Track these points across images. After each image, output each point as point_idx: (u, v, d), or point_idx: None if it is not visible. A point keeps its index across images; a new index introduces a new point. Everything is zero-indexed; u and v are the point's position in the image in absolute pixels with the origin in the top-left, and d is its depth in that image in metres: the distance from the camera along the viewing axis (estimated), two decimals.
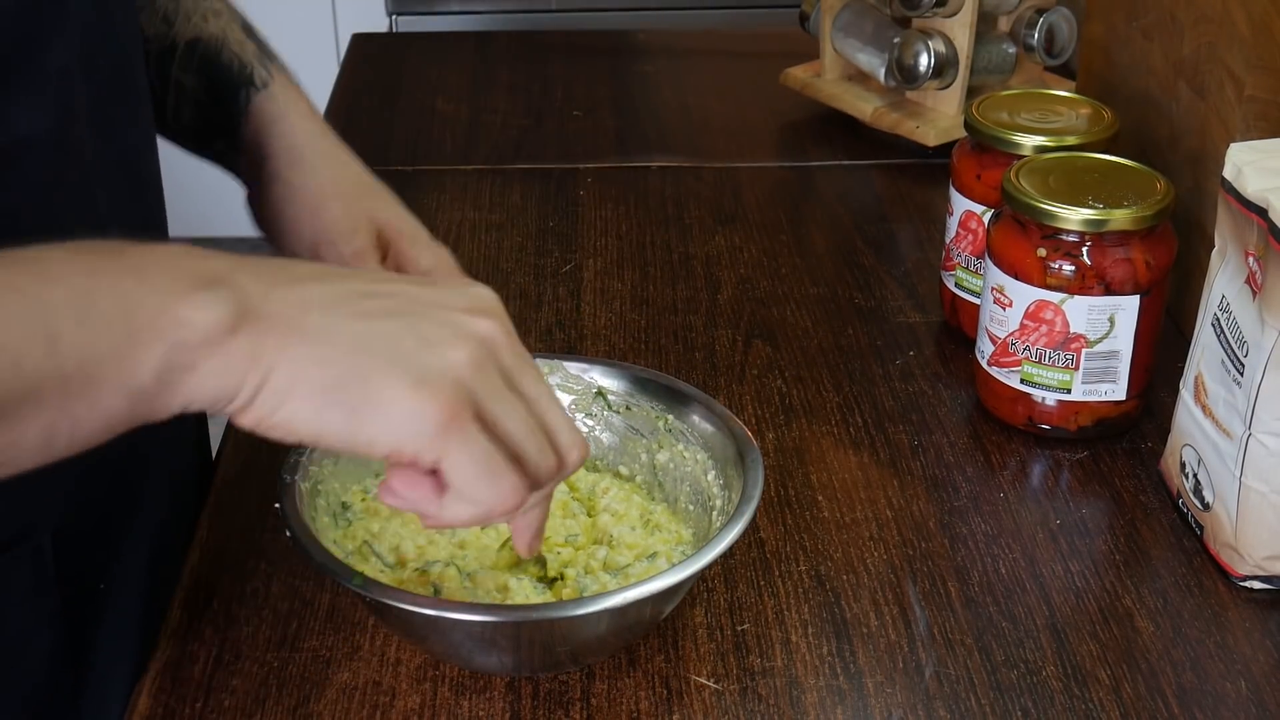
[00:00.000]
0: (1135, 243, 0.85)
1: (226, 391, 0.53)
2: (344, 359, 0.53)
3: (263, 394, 0.53)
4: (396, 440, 0.54)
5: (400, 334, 0.55)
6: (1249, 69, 0.91)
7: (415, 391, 0.53)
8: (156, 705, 0.72)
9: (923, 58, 1.27)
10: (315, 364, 0.53)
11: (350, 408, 0.53)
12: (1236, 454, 0.77)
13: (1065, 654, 0.75)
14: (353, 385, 0.53)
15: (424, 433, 0.54)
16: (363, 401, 0.53)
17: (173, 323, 0.51)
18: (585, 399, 0.81)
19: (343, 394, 0.53)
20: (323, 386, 0.53)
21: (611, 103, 1.45)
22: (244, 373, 0.52)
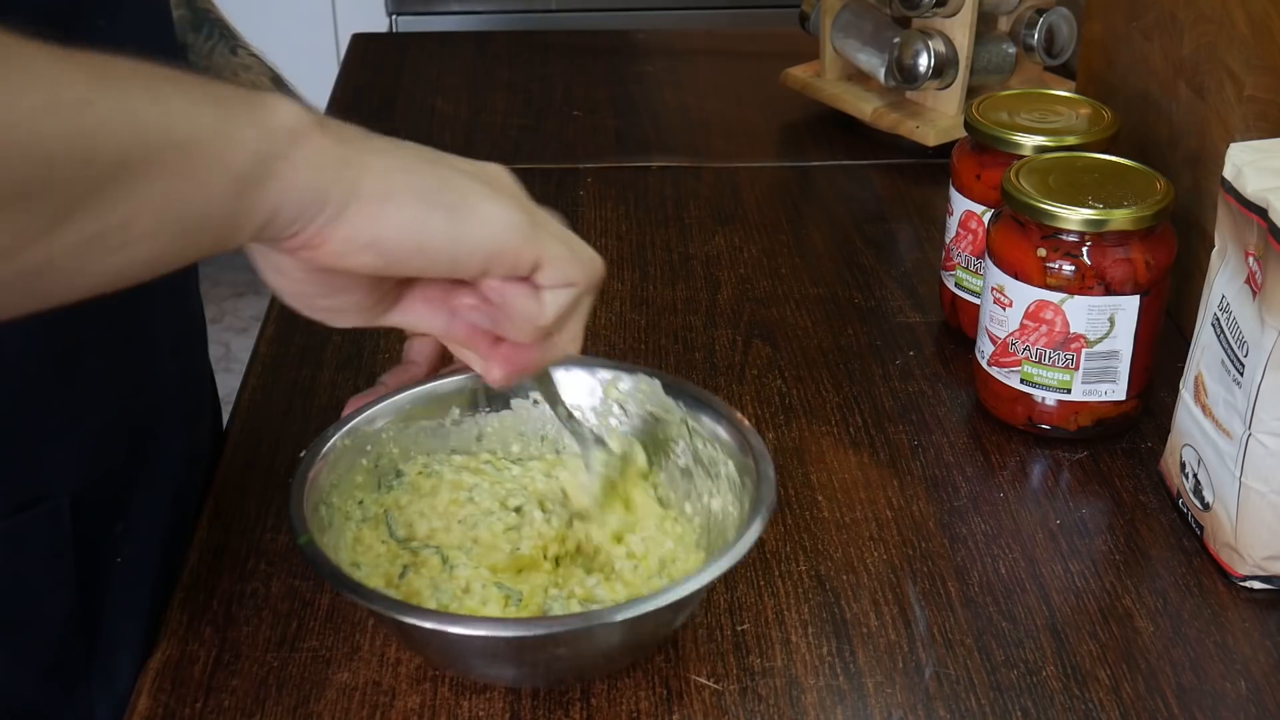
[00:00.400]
0: (1135, 243, 0.85)
1: (318, 192, 0.52)
2: (429, 169, 0.54)
3: (357, 200, 0.52)
4: (498, 240, 0.55)
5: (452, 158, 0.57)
6: (1249, 69, 0.91)
7: (499, 195, 0.56)
8: (156, 705, 0.72)
9: (922, 58, 1.27)
10: (403, 171, 0.53)
11: (452, 210, 0.54)
12: (1236, 454, 0.77)
13: (1065, 654, 0.75)
14: (446, 190, 0.54)
15: (521, 229, 0.56)
16: (460, 205, 0.54)
17: (262, 107, 0.51)
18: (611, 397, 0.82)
19: (441, 197, 0.54)
20: (418, 190, 0.53)
21: (611, 103, 1.45)
22: (335, 172, 0.52)
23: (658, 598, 0.65)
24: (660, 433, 0.79)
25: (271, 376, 0.98)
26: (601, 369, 0.80)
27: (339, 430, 0.75)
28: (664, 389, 0.79)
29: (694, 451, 0.78)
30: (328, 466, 0.74)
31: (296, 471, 0.72)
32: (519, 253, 0.57)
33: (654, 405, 0.79)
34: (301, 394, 0.96)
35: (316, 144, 0.51)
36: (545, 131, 1.39)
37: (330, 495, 0.74)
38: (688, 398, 0.78)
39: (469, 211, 0.55)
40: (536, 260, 0.58)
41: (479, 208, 0.55)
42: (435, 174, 0.55)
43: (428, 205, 0.53)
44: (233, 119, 0.50)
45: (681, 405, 0.78)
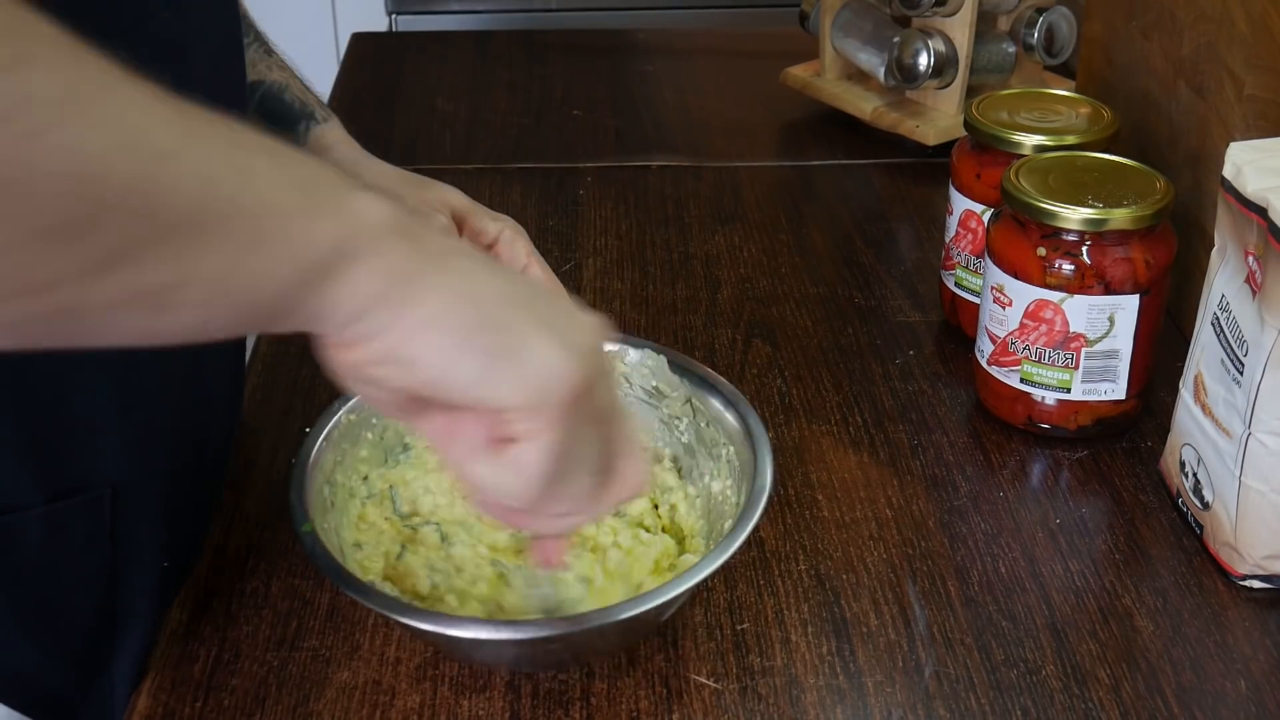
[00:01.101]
0: (1135, 242, 0.85)
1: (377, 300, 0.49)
2: (494, 305, 0.51)
3: (407, 317, 0.50)
4: (524, 397, 0.51)
5: (541, 301, 0.53)
6: (1248, 68, 0.91)
7: (564, 353, 0.51)
8: (156, 705, 0.72)
9: (922, 57, 1.27)
10: (467, 301, 0.51)
11: (490, 354, 0.51)
12: (1236, 453, 0.77)
13: (1065, 653, 0.75)
14: (499, 332, 0.51)
15: (553, 397, 0.51)
16: (505, 351, 0.51)
17: (349, 205, 0.49)
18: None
19: (487, 338, 0.50)
20: (468, 326, 0.50)
21: (611, 102, 1.45)
22: (401, 281, 0.49)
23: (649, 598, 0.66)
24: (664, 409, 0.79)
25: (271, 376, 0.98)
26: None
27: (344, 405, 0.75)
28: (670, 366, 0.78)
29: (696, 430, 0.78)
30: (331, 445, 0.74)
31: (299, 452, 0.72)
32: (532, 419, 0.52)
33: (659, 380, 0.79)
34: (301, 393, 0.96)
35: (391, 251, 0.49)
36: (545, 131, 1.39)
37: (334, 474, 0.74)
38: (693, 377, 0.78)
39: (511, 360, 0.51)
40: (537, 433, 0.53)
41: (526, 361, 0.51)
42: (497, 310, 0.51)
43: (466, 343, 0.50)
44: (316, 205, 0.48)
45: (686, 383, 0.78)
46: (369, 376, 0.52)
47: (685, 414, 0.78)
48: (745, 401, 0.77)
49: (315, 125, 0.88)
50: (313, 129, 0.88)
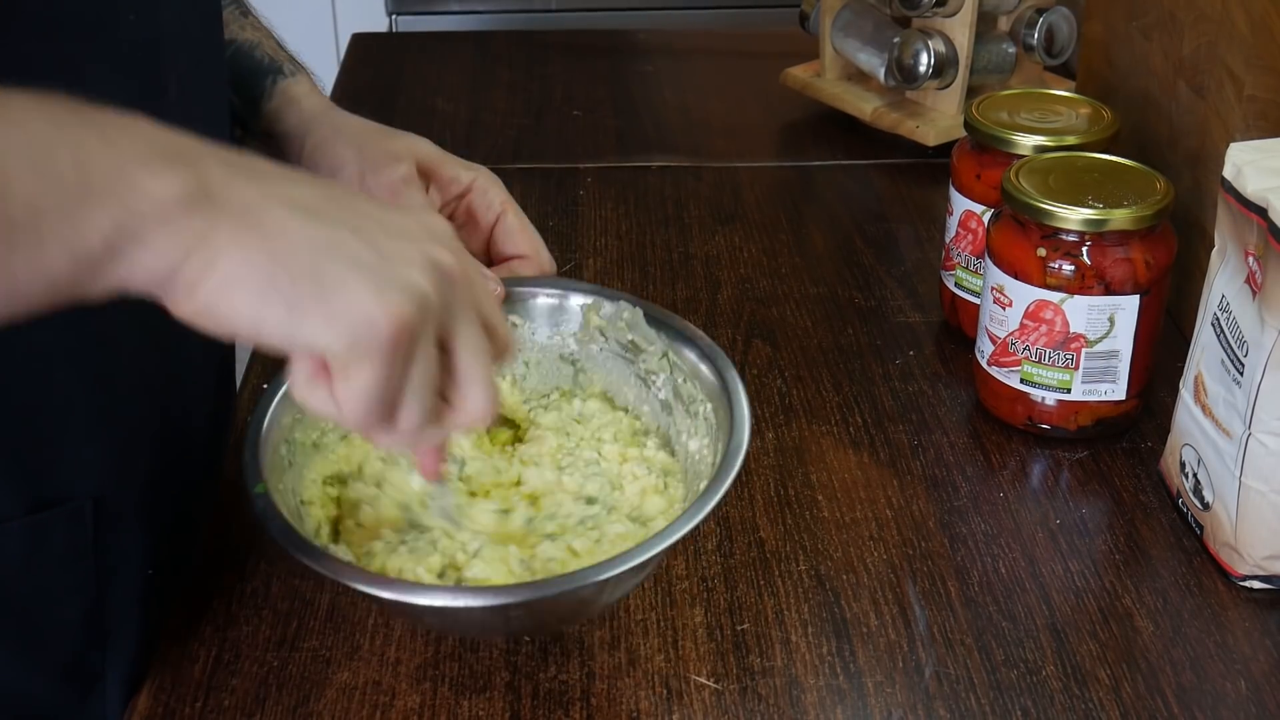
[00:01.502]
0: (1135, 242, 0.85)
1: (168, 271, 0.50)
2: (301, 256, 0.51)
3: (209, 279, 0.50)
4: (336, 341, 0.52)
5: (363, 245, 0.53)
6: (1249, 68, 0.91)
7: (377, 298, 0.52)
8: (156, 705, 0.72)
9: (922, 57, 1.27)
10: (268, 256, 0.51)
11: (295, 303, 0.51)
12: (1236, 453, 0.77)
13: (1065, 654, 0.75)
14: (304, 282, 0.51)
15: (367, 339, 0.52)
16: (312, 299, 0.51)
17: (129, 187, 0.49)
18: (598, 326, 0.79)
19: (291, 289, 0.51)
20: (271, 279, 0.51)
21: (611, 102, 1.45)
22: (189, 253, 0.50)
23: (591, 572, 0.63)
24: (640, 364, 0.78)
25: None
26: (580, 293, 0.78)
27: None
28: (646, 319, 0.77)
29: (674, 386, 0.76)
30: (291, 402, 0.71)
31: (255, 410, 0.70)
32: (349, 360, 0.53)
33: (635, 334, 0.77)
34: None
35: (177, 225, 0.50)
36: (545, 131, 1.39)
37: (293, 431, 0.72)
38: (670, 330, 0.76)
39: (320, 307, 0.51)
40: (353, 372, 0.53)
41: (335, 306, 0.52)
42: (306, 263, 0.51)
43: (271, 296, 0.51)
44: (87, 197, 0.48)
45: (663, 337, 0.76)
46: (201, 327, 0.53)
47: (662, 369, 0.76)
48: (723, 355, 0.74)
49: (282, 79, 0.87)
50: (280, 83, 0.87)
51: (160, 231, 0.49)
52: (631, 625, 0.76)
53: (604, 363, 0.79)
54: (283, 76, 0.87)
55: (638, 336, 0.77)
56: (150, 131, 0.51)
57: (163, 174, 0.50)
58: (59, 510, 0.69)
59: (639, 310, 0.77)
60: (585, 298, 0.78)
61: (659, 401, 0.77)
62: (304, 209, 0.53)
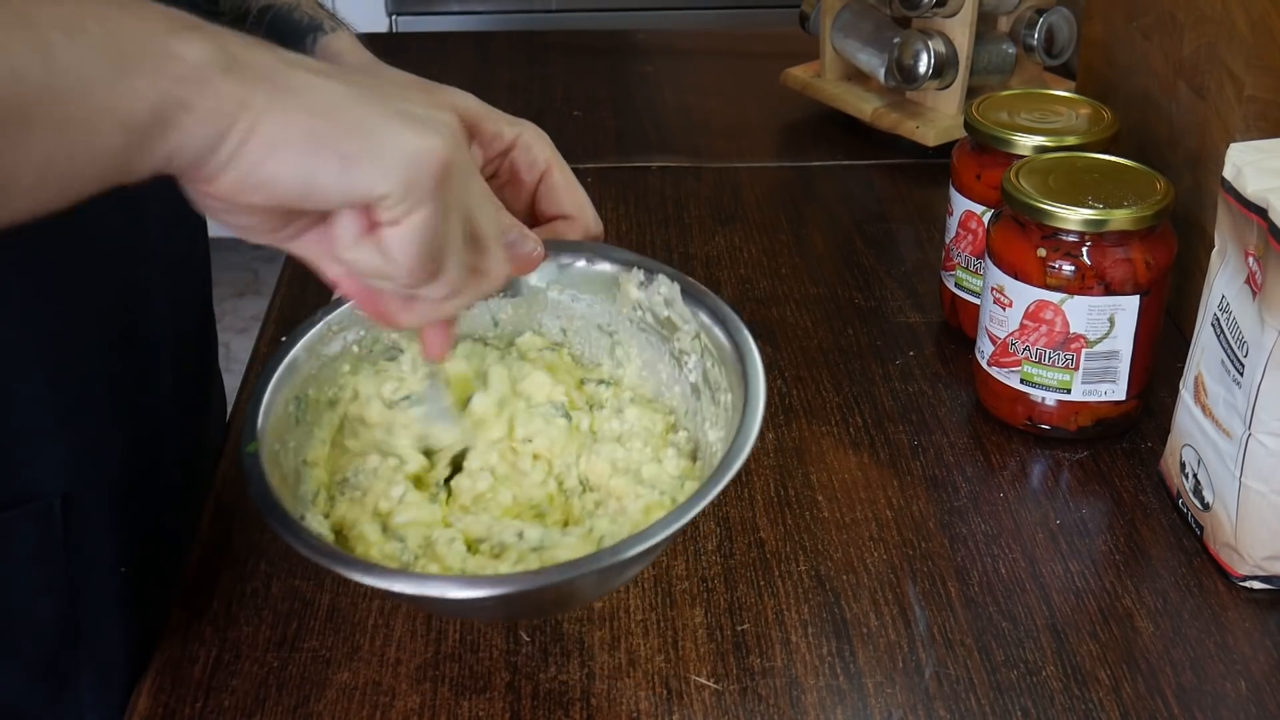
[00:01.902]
0: (1135, 243, 0.85)
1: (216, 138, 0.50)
2: (338, 108, 0.52)
3: (251, 143, 0.50)
4: (393, 180, 0.52)
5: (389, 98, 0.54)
6: (1249, 69, 0.91)
7: (420, 134, 0.53)
8: (156, 705, 0.72)
9: (923, 58, 1.27)
10: (307, 112, 0.51)
11: (345, 154, 0.52)
12: (1236, 454, 0.77)
13: (1065, 654, 0.75)
14: (350, 131, 0.52)
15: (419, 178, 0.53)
16: (360, 146, 0.52)
17: (164, 54, 0.49)
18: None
19: (339, 139, 0.52)
20: (315, 135, 0.51)
21: (611, 103, 1.45)
22: (234, 116, 0.50)
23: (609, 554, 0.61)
24: (675, 343, 0.74)
25: None
26: (619, 263, 0.75)
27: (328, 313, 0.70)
28: (683, 295, 0.74)
29: (704, 370, 0.73)
30: (310, 356, 0.69)
31: (267, 364, 0.68)
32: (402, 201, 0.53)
33: (671, 311, 0.74)
34: None
35: (218, 89, 0.49)
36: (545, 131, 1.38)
37: (306, 388, 0.70)
38: (705, 309, 0.73)
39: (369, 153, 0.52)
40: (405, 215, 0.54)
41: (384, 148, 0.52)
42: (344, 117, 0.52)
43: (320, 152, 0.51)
44: (128, 66, 0.48)
45: (698, 316, 0.73)
46: (235, 205, 0.53)
47: (694, 350, 0.74)
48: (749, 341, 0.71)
49: (323, 35, 0.86)
50: (320, 39, 0.86)
51: (203, 97, 0.49)
52: (631, 625, 0.76)
53: (638, 336, 0.76)
54: (323, 33, 0.86)
55: (673, 314, 0.74)
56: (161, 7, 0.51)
57: (193, 40, 0.49)
58: (27, 509, 0.69)
59: (677, 286, 0.74)
60: (624, 268, 0.75)
61: (689, 385, 0.74)
62: (324, 73, 0.53)
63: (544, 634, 0.76)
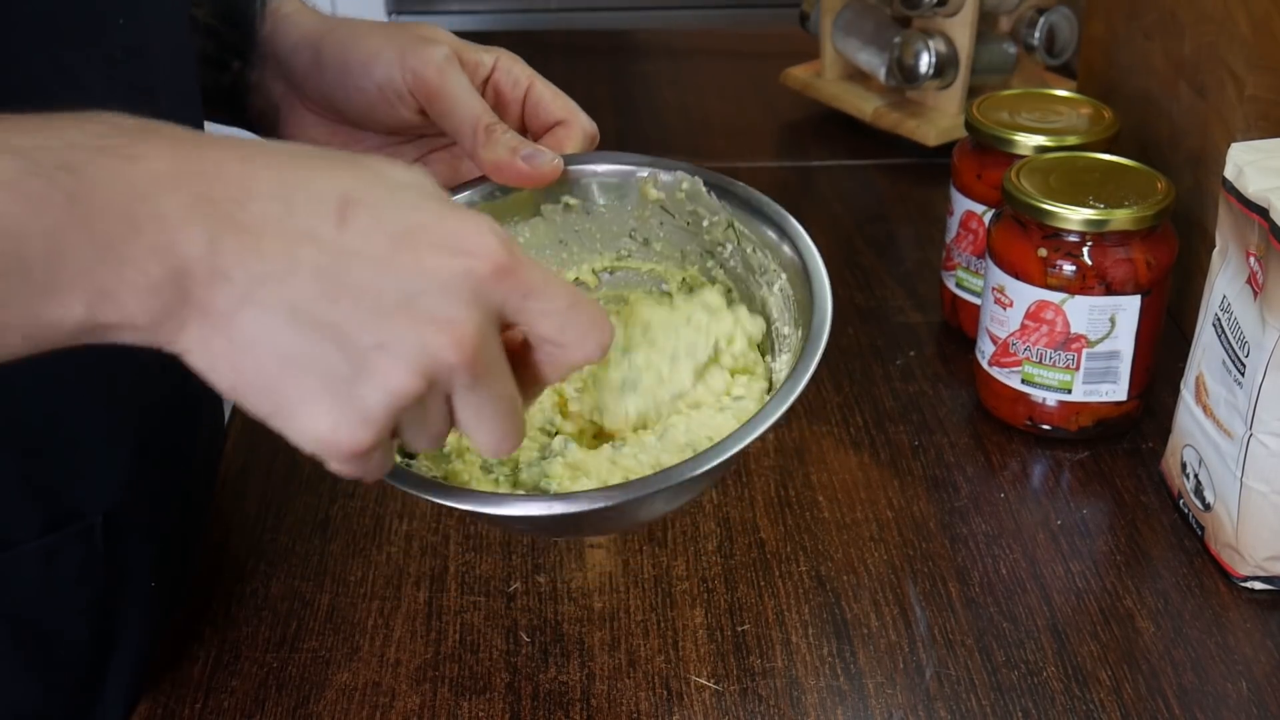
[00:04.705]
0: (1136, 243, 0.85)
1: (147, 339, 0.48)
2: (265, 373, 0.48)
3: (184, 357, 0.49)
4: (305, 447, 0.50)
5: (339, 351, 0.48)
6: (1250, 68, 0.91)
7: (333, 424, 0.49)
8: (156, 705, 0.72)
9: (923, 57, 1.27)
10: (231, 367, 0.48)
11: (259, 413, 0.50)
12: (1238, 454, 0.77)
13: (1066, 655, 0.75)
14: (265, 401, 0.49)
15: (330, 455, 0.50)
16: (274, 417, 0.49)
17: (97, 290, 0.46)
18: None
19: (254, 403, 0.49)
20: (235, 388, 0.49)
21: (611, 103, 1.45)
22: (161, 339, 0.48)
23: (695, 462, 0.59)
24: (706, 236, 0.72)
25: None
26: (634, 165, 0.73)
27: None
28: (707, 187, 0.71)
29: (744, 257, 0.71)
30: None
31: None
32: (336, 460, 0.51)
33: (697, 204, 0.72)
34: None
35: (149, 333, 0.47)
36: None
37: None
38: (735, 199, 0.71)
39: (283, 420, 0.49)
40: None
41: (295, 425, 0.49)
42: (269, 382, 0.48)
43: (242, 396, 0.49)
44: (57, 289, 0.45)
45: (728, 206, 0.71)
46: None
47: (729, 239, 0.71)
48: (793, 222, 0.69)
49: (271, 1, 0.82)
50: (269, 4, 0.82)
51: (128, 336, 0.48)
52: (631, 626, 0.76)
53: (669, 236, 0.74)
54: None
55: (699, 206, 0.72)
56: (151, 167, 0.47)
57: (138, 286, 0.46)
58: (70, 530, 0.68)
59: (698, 179, 0.71)
60: (640, 170, 0.73)
61: (733, 275, 0.72)
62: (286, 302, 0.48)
63: (544, 634, 0.76)
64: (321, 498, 0.86)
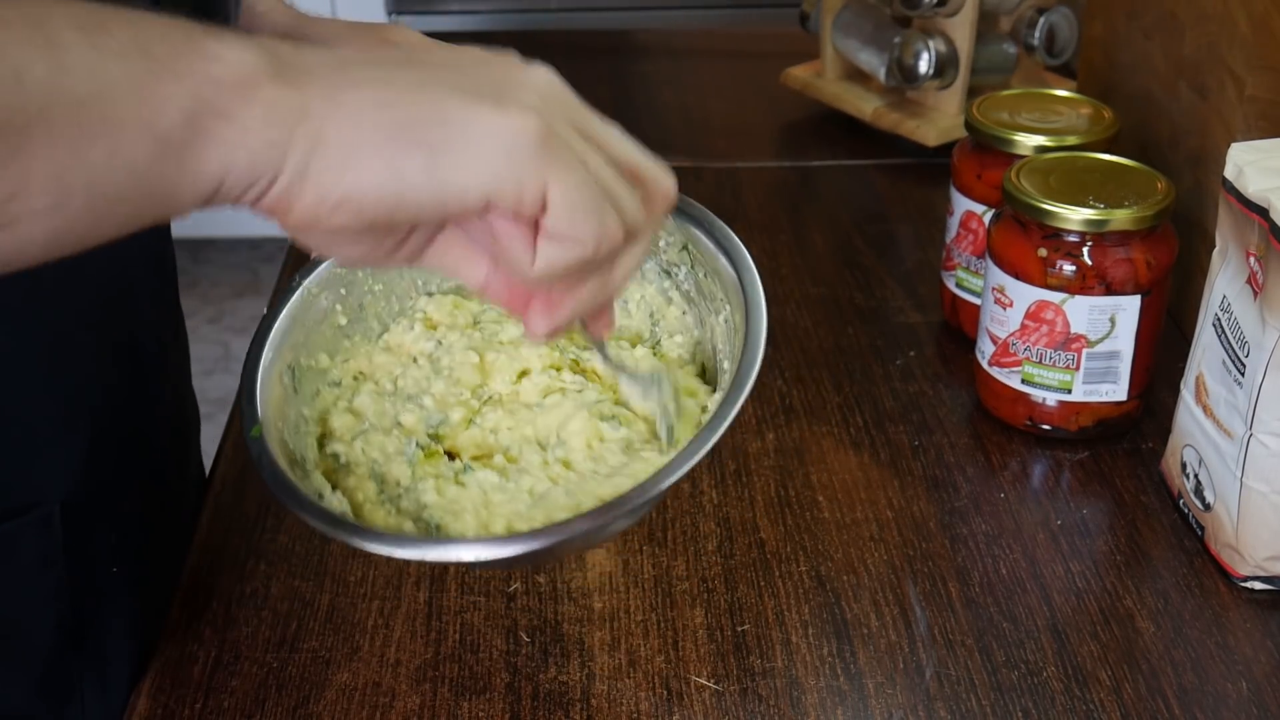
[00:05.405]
0: (1136, 243, 0.85)
1: (274, 152, 0.44)
2: (409, 98, 0.46)
3: (319, 156, 0.45)
4: (494, 175, 0.47)
5: (462, 75, 0.48)
6: (1250, 68, 0.91)
7: (503, 113, 0.47)
8: (156, 706, 0.72)
9: (923, 57, 1.27)
10: (376, 107, 0.45)
11: (431, 148, 0.46)
12: (1237, 454, 0.77)
13: (1066, 655, 0.75)
14: (428, 123, 0.46)
15: (523, 157, 0.47)
16: (444, 139, 0.46)
17: (200, 55, 0.43)
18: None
19: (419, 134, 0.46)
20: (392, 130, 0.45)
21: (611, 103, 1.45)
22: (292, 126, 0.44)
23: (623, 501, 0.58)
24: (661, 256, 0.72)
25: None
26: None
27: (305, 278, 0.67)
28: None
29: (696, 281, 0.71)
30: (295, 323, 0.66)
31: (254, 337, 0.65)
32: (521, 185, 0.47)
33: None
34: None
35: (268, 96, 0.44)
36: None
37: (299, 356, 0.67)
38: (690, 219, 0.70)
39: (457, 145, 0.46)
40: (540, 193, 0.48)
41: (471, 137, 0.46)
42: (417, 104, 0.46)
43: (401, 150, 0.45)
44: (155, 71, 0.42)
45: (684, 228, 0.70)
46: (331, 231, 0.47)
47: (683, 261, 0.71)
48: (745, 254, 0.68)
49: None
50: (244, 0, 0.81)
51: (248, 105, 0.44)
52: (632, 626, 0.76)
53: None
54: None
55: None
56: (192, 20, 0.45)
57: (233, 42, 0.44)
58: (29, 518, 0.68)
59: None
60: None
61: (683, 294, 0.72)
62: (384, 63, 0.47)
63: (544, 634, 0.76)
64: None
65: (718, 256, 0.68)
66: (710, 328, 0.70)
